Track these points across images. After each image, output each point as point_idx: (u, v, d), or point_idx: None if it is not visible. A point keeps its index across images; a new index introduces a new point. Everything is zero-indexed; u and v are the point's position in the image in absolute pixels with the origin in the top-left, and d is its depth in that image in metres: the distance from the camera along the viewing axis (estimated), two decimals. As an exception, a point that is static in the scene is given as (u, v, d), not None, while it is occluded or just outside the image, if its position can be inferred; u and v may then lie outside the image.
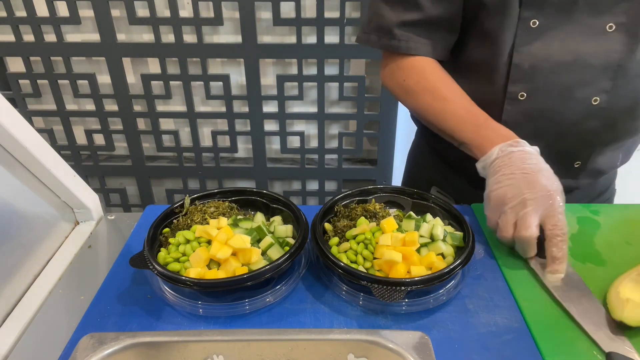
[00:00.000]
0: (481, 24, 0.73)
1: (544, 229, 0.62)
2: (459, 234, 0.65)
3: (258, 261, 0.61)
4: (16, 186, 0.66)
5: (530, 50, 0.70)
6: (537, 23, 0.69)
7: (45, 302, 0.62)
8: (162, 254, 0.62)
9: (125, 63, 1.58)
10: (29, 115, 1.66)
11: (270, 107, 1.65)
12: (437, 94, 0.75)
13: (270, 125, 1.69)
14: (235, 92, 1.63)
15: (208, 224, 0.66)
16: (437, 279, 0.57)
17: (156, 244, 0.65)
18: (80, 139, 1.73)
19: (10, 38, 1.52)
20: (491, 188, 0.65)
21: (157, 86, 1.64)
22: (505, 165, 0.65)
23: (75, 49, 1.53)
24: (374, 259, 0.62)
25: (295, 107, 1.69)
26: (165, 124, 1.73)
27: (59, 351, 0.54)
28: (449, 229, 0.67)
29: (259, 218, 0.70)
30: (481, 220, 0.76)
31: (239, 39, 1.50)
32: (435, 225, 0.65)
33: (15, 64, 1.61)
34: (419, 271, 0.58)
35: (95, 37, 1.53)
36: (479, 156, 0.69)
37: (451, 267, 0.58)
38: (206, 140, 1.77)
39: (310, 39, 1.53)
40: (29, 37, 1.51)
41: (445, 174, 0.93)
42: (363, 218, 0.68)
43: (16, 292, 0.63)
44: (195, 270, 0.58)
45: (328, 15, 1.45)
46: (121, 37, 1.55)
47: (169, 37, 1.52)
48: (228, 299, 0.59)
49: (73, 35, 1.58)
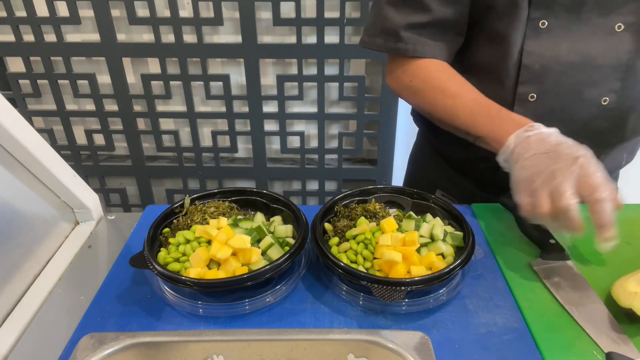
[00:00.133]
0: (489, 25, 0.72)
1: (583, 199, 0.57)
2: (459, 234, 0.65)
3: (258, 261, 0.61)
4: (16, 186, 0.66)
5: (540, 51, 0.70)
6: (547, 23, 0.68)
7: (45, 302, 0.62)
8: (162, 254, 0.62)
9: (125, 63, 1.58)
10: (29, 115, 1.65)
11: (270, 107, 1.65)
12: (446, 91, 0.73)
13: (270, 125, 1.69)
14: (235, 92, 1.63)
15: (208, 224, 0.66)
16: (437, 279, 0.57)
17: (156, 244, 0.65)
18: (80, 139, 1.73)
19: (10, 38, 1.52)
20: (515, 174, 0.62)
21: (157, 86, 1.64)
22: (524, 150, 0.61)
23: (75, 49, 1.53)
24: (374, 259, 0.62)
25: (295, 107, 1.69)
26: (165, 124, 1.73)
27: (59, 351, 0.54)
28: (449, 229, 0.67)
29: (259, 218, 0.70)
30: (481, 220, 0.76)
31: (239, 39, 1.50)
32: (435, 225, 0.65)
33: (15, 64, 1.61)
34: (419, 271, 0.58)
35: (95, 37, 1.53)
36: (498, 149, 0.66)
37: (451, 267, 0.58)
38: (206, 140, 1.77)
39: (310, 39, 1.53)
40: (29, 37, 1.51)
41: (450, 176, 0.92)
42: (363, 218, 0.68)
43: (16, 292, 0.63)
44: (195, 270, 0.58)
45: (328, 15, 1.45)
46: (121, 37, 1.55)
47: (169, 37, 1.52)
48: (228, 299, 0.59)
49: (73, 35, 1.58)
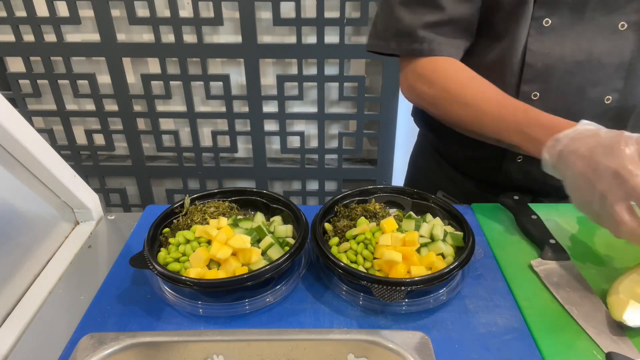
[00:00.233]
0: (494, 23, 0.72)
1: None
2: (459, 234, 0.65)
3: (258, 261, 0.61)
4: (16, 186, 0.66)
5: (543, 50, 0.70)
6: (550, 22, 0.68)
7: (45, 302, 0.62)
8: (162, 254, 0.62)
9: (125, 63, 1.58)
10: (29, 115, 1.66)
11: (270, 107, 1.65)
12: (468, 100, 0.70)
13: (270, 125, 1.69)
14: (235, 92, 1.63)
15: (208, 224, 0.66)
16: (437, 279, 0.57)
17: (156, 244, 0.65)
18: (80, 139, 1.73)
19: (10, 38, 1.52)
20: (570, 195, 0.60)
21: (157, 86, 1.64)
22: (563, 167, 0.59)
23: (75, 49, 1.53)
24: (374, 259, 0.62)
25: (295, 107, 1.69)
26: (165, 124, 1.73)
27: (59, 351, 0.54)
28: (449, 229, 0.67)
29: (259, 218, 0.70)
30: (481, 220, 0.76)
31: (239, 39, 1.50)
32: (435, 225, 0.65)
33: (15, 64, 1.61)
34: (419, 271, 0.58)
35: (95, 37, 1.53)
36: (537, 156, 0.64)
37: (451, 267, 0.57)
38: (206, 140, 1.77)
39: (310, 39, 1.53)
40: (29, 37, 1.51)
41: (452, 177, 0.91)
42: (363, 218, 0.68)
43: (16, 292, 0.63)
44: (195, 270, 0.58)
45: (328, 15, 1.45)
46: (121, 37, 1.55)
47: (169, 37, 1.52)
48: (228, 299, 0.59)
49: (73, 35, 1.58)
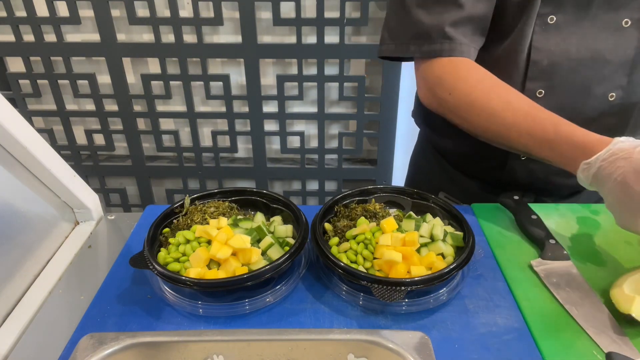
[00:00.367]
0: (501, 21, 0.72)
1: None
2: (459, 234, 0.65)
3: (258, 261, 0.61)
4: (16, 186, 0.66)
5: (549, 47, 0.70)
6: (555, 19, 0.68)
7: (45, 302, 0.62)
8: (162, 254, 0.62)
9: (125, 63, 1.58)
10: (29, 115, 1.65)
11: (270, 107, 1.65)
12: (493, 112, 0.67)
13: (270, 125, 1.69)
14: (235, 92, 1.63)
15: (208, 224, 0.66)
16: (437, 279, 0.57)
17: (156, 244, 0.65)
18: (80, 139, 1.73)
19: (10, 38, 1.52)
20: (612, 213, 0.60)
21: (157, 86, 1.64)
22: (600, 188, 0.59)
23: (75, 49, 1.53)
24: (374, 259, 0.62)
25: (295, 107, 1.69)
26: (165, 124, 1.73)
27: (59, 351, 0.54)
28: (449, 229, 0.67)
29: (259, 218, 0.70)
30: (481, 220, 0.76)
31: (239, 39, 1.50)
32: (435, 225, 0.65)
33: (15, 64, 1.61)
34: (419, 271, 0.58)
35: (95, 37, 1.53)
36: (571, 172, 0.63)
37: (451, 267, 0.57)
38: (206, 140, 1.77)
39: (310, 39, 1.53)
40: (29, 37, 1.51)
41: (454, 178, 0.91)
42: (363, 218, 0.68)
43: (16, 292, 0.63)
44: (195, 270, 0.58)
45: (328, 15, 1.45)
46: (121, 37, 1.55)
47: (169, 37, 1.52)
48: (228, 299, 0.59)
49: (73, 35, 1.58)
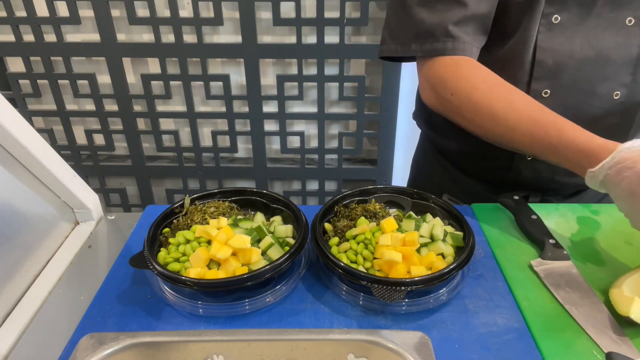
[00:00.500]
0: (505, 21, 0.72)
1: None
2: (459, 234, 0.65)
3: (258, 261, 0.61)
4: (16, 186, 0.66)
5: (553, 47, 0.70)
6: (559, 19, 0.68)
7: (45, 302, 0.62)
8: (162, 254, 0.62)
9: (125, 63, 1.58)
10: (29, 115, 1.66)
11: (270, 107, 1.65)
12: (496, 113, 0.66)
13: (270, 125, 1.69)
14: (235, 92, 1.63)
15: (208, 224, 0.66)
16: (437, 279, 0.57)
17: (156, 244, 0.65)
18: (80, 139, 1.73)
19: (10, 38, 1.52)
20: (624, 214, 0.59)
21: (157, 86, 1.64)
22: (609, 192, 0.58)
23: (75, 49, 1.53)
24: (374, 259, 0.62)
25: (295, 107, 1.69)
26: (165, 124, 1.73)
27: (59, 351, 0.54)
28: (449, 229, 0.67)
29: (259, 218, 0.70)
30: (481, 220, 0.76)
31: (239, 39, 1.50)
32: (435, 225, 0.65)
33: (15, 64, 1.61)
34: (419, 271, 0.58)
35: (95, 37, 1.53)
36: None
37: (451, 267, 0.57)
38: (206, 140, 1.77)
39: (310, 39, 1.53)
40: (29, 37, 1.51)
41: (458, 179, 0.90)
42: (363, 218, 0.68)
43: (16, 292, 0.63)
44: (195, 270, 0.58)
45: (328, 15, 1.45)
46: (121, 37, 1.55)
47: (169, 37, 1.52)
48: (228, 299, 0.59)
49: (73, 35, 1.58)
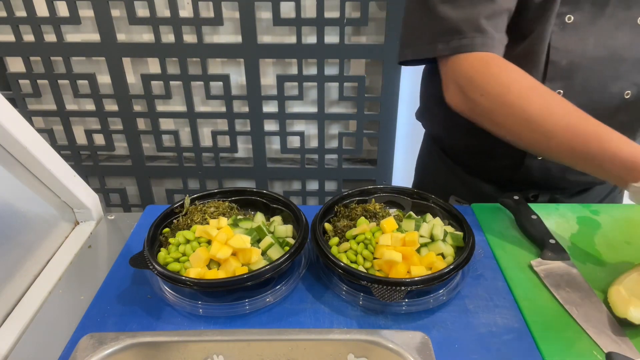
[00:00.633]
0: (520, 21, 0.71)
1: None
2: (459, 234, 0.65)
3: (258, 261, 0.61)
4: (16, 186, 0.66)
5: (567, 47, 0.70)
6: (572, 18, 0.68)
7: (45, 302, 0.62)
8: (162, 254, 0.62)
9: (125, 63, 1.58)
10: (29, 115, 1.65)
11: (270, 107, 1.65)
12: (530, 117, 0.63)
13: (270, 125, 1.69)
14: (235, 92, 1.63)
15: (208, 224, 0.66)
16: (437, 279, 0.57)
17: (156, 244, 0.65)
18: (80, 139, 1.73)
19: (10, 38, 1.51)
20: None
21: (157, 86, 1.64)
22: None
23: (75, 49, 1.53)
24: (374, 259, 0.62)
25: (295, 107, 1.69)
26: (165, 124, 1.72)
27: (59, 351, 0.54)
28: (449, 229, 0.67)
29: (259, 218, 0.70)
30: (481, 220, 0.76)
31: (239, 39, 1.50)
32: (435, 225, 0.65)
33: (15, 64, 1.61)
34: (419, 271, 0.58)
35: (95, 37, 1.52)
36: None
37: (451, 267, 0.58)
38: (206, 140, 1.77)
39: (310, 39, 1.53)
40: (29, 37, 1.51)
41: (465, 180, 0.89)
42: (363, 218, 0.68)
43: (16, 292, 0.63)
44: (195, 270, 0.58)
45: (328, 15, 1.45)
46: (121, 37, 1.55)
47: (169, 37, 1.52)
48: (228, 299, 0.59)
49: (73, 35, 1.58)
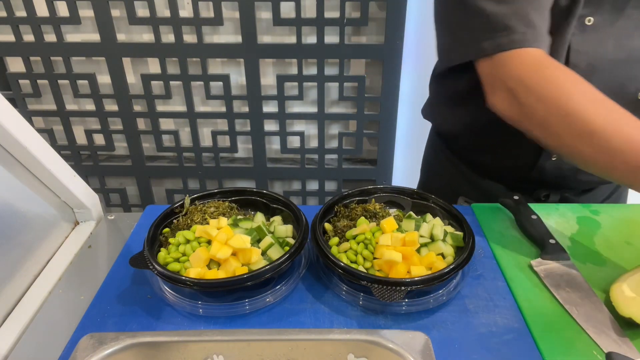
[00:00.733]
0: None
1: None
2: (459, 234, 0.65)
3: (258, 261, 0.61)
4: (16, 186, 0.66)
5: (586, 49, 0.69)
6: (592, 20, 0.68)
7: (45, 302, 0.62)
8: (162, 254, 0.62)
9: (125, 63, 1.58)
10: (29, 115, 1.65)
11: (270, 107, 1.65)
12: (593, 130, 0.59)
13: (270, 125, 1.69)
14: (235, 92, 1.63)
15: (208, 224, 0.66)
16: (437, 279, 0.57)
17: (156, 244, 0.65)
18: (80, 139, 1.73)
19: (10, 38, 1.51)
20: None
21: (157, 86, 1.64)
22: None
23: (75, 49, 1.53)
24: (374, 259, 0.62)
25: (295, 107, 1.69)
26: (165, 124, 1.73)
27: (59, 351, 0.54)
28: (449, 229, 0.67)
29: (259, 218, 0.70)
30: (481, 220, 0.76)
31: (239, 39, 1.50)
32: (435, 225, 0.65)
33: (15, 64, 1.61)
34: (419, 271, 0.58)
35: (95, 37, 1.52)
36: None
37: (451, 267, 0.58)
38: (206, 140, 1.77)
39: (310, 39, 1.53)
40: (29, 37, 1.51)
41: (474, 181, 0.87)
42: (363, 218, 0.68)
43: (16, 292, 0.63)
44: (195, 270, 0.58)
45: (328, 15, 1.45)
46: (121, 37, 1.55)
47: (169, 37, 1.52)
48: (228, 299, 0.59)
49: (73, 35, 1.58)
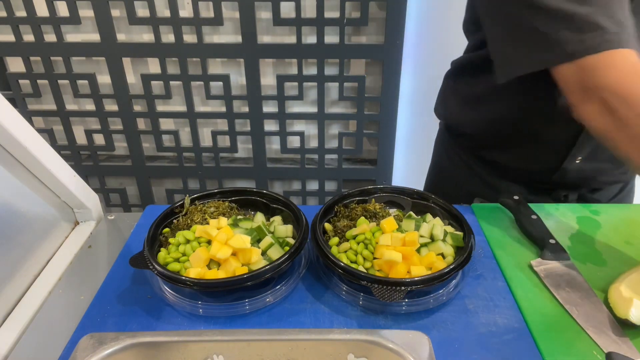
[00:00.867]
0: None
1: None
2: (459, 234, 0.65)
3: (258, 261, 0.61)
4: (16, 186, 0.66)
5: None
6: None
7: (45, 302, 0.62)
8: (162, 254, 0.62)
9: (125, 63, 1.58)
10: (29, 115, 1.65)
11: (270, 107, 1.65)
12: None
13: (270, 125, 1.69)
14: (235, 92, 1.63)
15: (208, 224, 0.66)
16: (437, 279, 0.57)
17: (156, 244, 0.65)
18: (80, 139, 1.73)
19: (10, 38, 1.51)
20: None
21: (157, 86, 1.64)
22: None
23: (75, 49, 1.53)
24: (374, 259, 0.62)
25: (295, 107, 1.69)
26: (165, 124, 1.73)
27: (59, 351, 0.54)
28: (449, 229, 0.67)
29: (259, 218, 0.70)
30: (481, 220, 0.76)
31: (239, 39, 1.50)
32: (435, 225, 0.65)
33: (15, 64, 1.61)
34: (419, 271, 0.58)
35: (95, 37, 1.52)
36: None
37: (451, 267, 0.58)
38: (206, 140, 1.77)
39: (310, 39, 1.53)
40: (29, 37, 1.51)
41: (490, 183, 0.86)
42: (363, 218, 0.68)
43: (16, 292, 0.63)
44: (195, 270, 0.58)
45: (328, 15, 1.45)
46: (121, 37, 1.55)
47: (169, 37, 1.52)
48: (228, 299, 0.59)
49: (73, 35, 1.58)
